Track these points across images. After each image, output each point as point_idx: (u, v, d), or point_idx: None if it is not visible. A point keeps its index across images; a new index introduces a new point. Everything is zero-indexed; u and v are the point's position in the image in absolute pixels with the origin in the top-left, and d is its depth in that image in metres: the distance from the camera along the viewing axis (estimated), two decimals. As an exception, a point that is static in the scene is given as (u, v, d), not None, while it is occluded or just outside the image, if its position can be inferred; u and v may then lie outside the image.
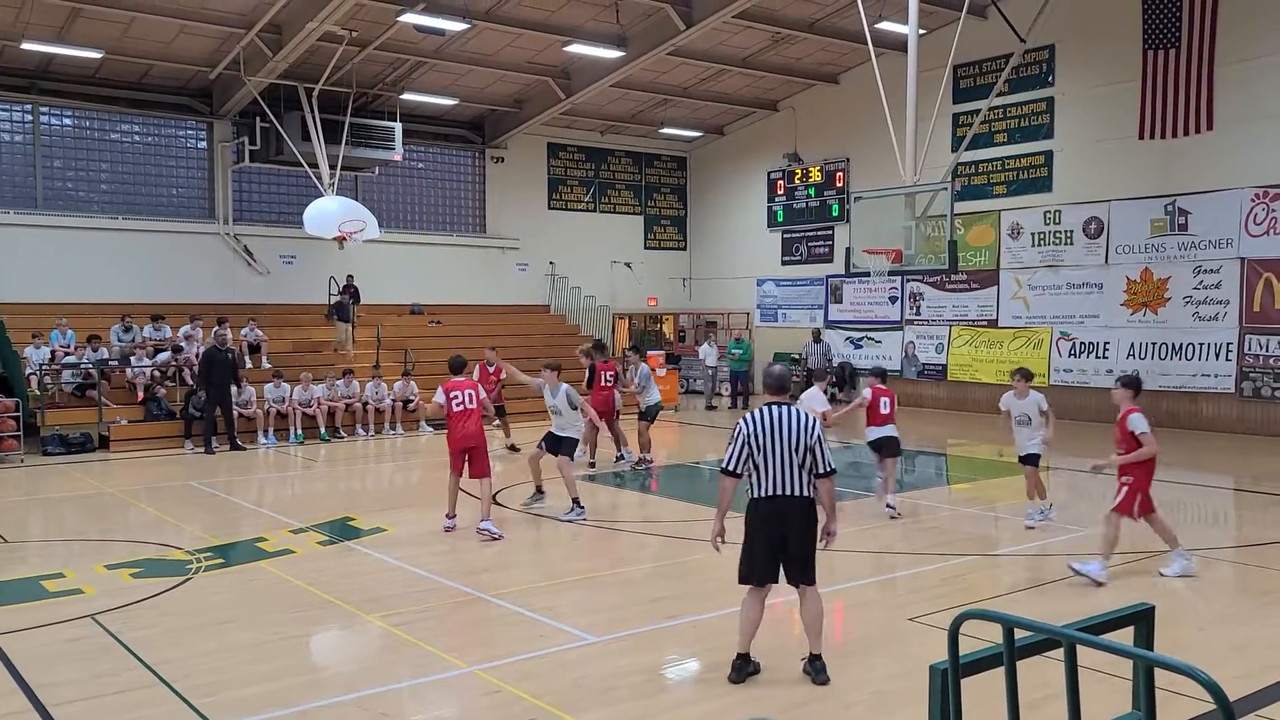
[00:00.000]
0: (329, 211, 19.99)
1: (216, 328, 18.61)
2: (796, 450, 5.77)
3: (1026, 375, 10.20)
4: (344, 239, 19.96)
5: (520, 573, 8.69)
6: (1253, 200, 17.42)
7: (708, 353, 24.27)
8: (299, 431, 17.67)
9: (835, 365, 23.90)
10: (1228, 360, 17.79)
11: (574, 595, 7.86)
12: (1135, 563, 8.93)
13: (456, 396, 9.99)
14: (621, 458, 14.65)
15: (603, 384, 14.63)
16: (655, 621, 7.13)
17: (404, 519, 11.05)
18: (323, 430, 17.90)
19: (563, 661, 6.30)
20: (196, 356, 18.43)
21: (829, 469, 5.89)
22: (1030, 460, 10.17)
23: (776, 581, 5.93)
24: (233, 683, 5.94)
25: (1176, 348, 18.49)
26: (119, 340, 18.46)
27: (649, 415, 14.81)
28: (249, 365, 18.84)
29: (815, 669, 5.84)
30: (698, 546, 9.54)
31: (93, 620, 7.15)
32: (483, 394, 10.38)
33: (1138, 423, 8.13)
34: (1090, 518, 10.85)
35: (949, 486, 13.46)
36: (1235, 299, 17.74)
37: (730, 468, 5.86)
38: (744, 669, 5.89)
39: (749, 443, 5.80)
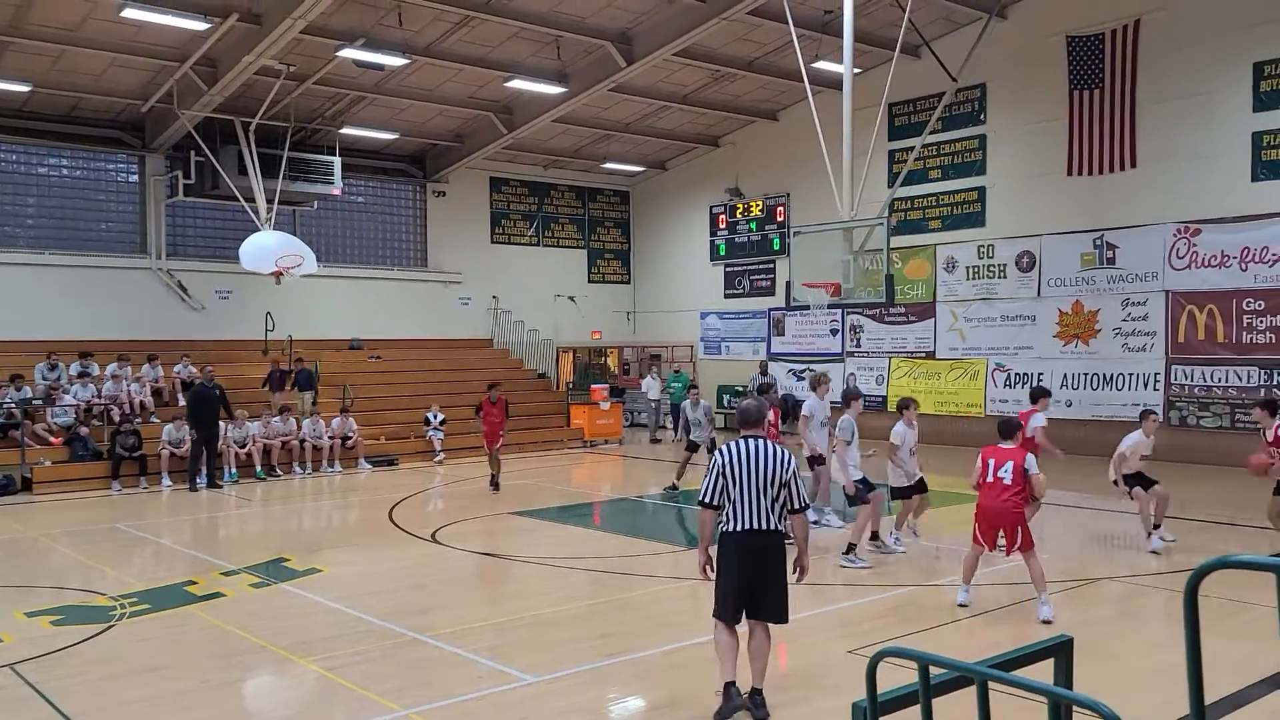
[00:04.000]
0: (266, 246, 19.70)
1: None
2: (771, 484, 5.76)
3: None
4: (281, 274, 19.67)
5: (458, 613, 8.54)
6: (1175, 235, 18.00)
7: (650, 385, 24.31)
8: (233, 470, 17.27)
9: (780, 397, 23.97)
10: (1156, 390, 18.26)
11: (513, 634, 7.74)
12: (1067, 591, 9.05)
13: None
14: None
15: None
16: (596, 660, 7.04)
17: (341, 559, 10.82)
18: (259, 469, 17.52)
19: (502, 703, 6.19)
20: (128, 396, 18.03)
21: (803, 504, 5.90)
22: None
23: (740, 621, 5.90)
24: (157, 734, 5.72)
25: (1107, 378, 18.95)
26: (44, 379, 17.91)
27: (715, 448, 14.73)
28: (181, 403, 18.38)
29: (755, 704, 5.80)
30: (639, 582, 9.48)
31: (11, 670, 6.86)
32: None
33: None
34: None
35: (889, 516, 13.53)
36: (1161, 330, 18.26)
37: (707, 500, 5.84)
38: (735, 698, 5.74)
39: (724, 474, 5.78)
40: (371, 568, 10.45)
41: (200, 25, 16.27)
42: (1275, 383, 16.83)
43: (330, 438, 18.61)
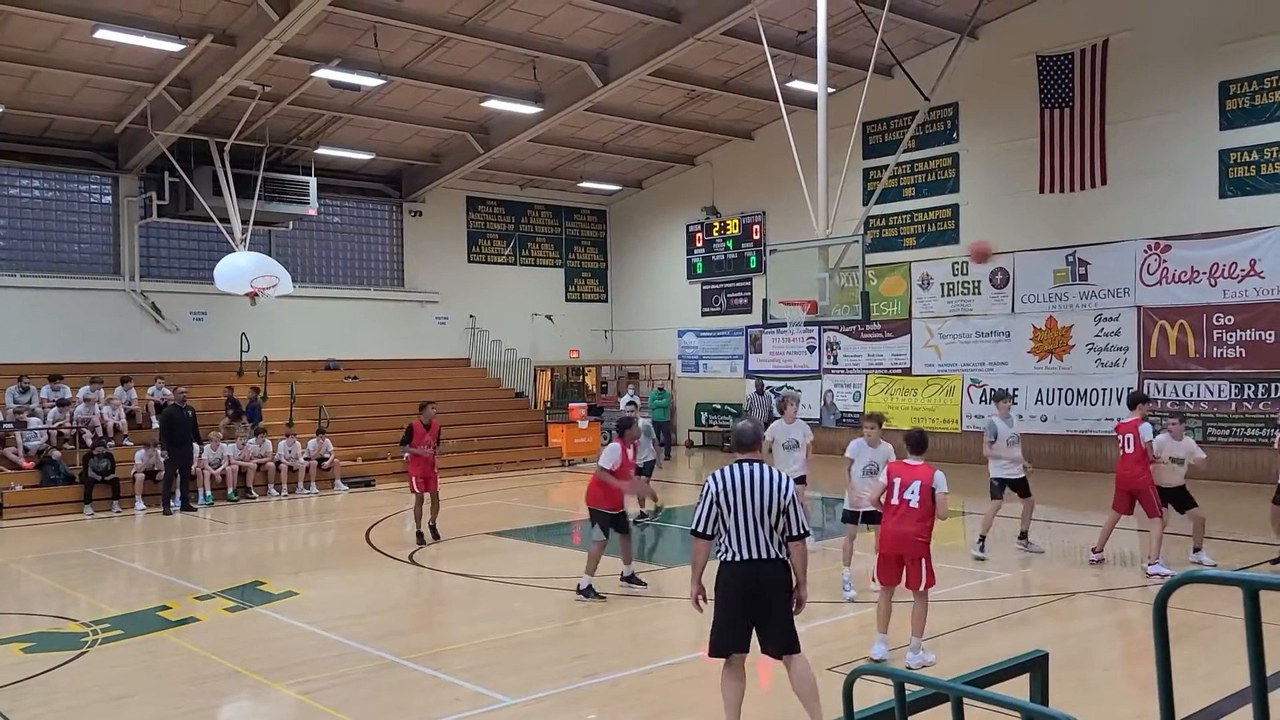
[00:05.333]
0: (241, 267, 19.58)
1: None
2: (769, 511, 5.45)
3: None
4: (256, 295, 19.56)
5: (436, 634, 8.49)
6: (1145, 251, 18.23)
7: (628, 404, 24.25)
8: (208, 493, 17.11)
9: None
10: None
11: (491, 655, 7.69)
12: (1044, 605, 9.11)
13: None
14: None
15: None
16: (575, 680, 7.01)
17: (317, 581, 10.74)
18: (230, 490, 17.36)
19: (479, 726, 6.14)
20: (101, 419, 17.84)
21: (803, 531, 5.55)
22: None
23: (748, 650, 5.56)
24: (129, 762, 5.65)
25: (1081, 393, 19.11)
26: (14, 402, 17.69)
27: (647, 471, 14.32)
28: (155, 425, 18.20)
29: None
30: (617, 602, 9.45)
31: (-22, 700, 6.76)
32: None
33: None
34: (1011, 562, 11.07)
35: (866, 533, 13.58)
36: (1134, 346, 18.46)
37: (700, 529, 5.53)
38: None
39: (718, 502, 5.49)
40: (349, 590, 10.37)
41: (174, 46, 16.22)
42: (1246, 396, 17.04)
43: (306, 459, 18.47)
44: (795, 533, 5.53)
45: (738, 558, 5.46)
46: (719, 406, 26.01)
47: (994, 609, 8.90)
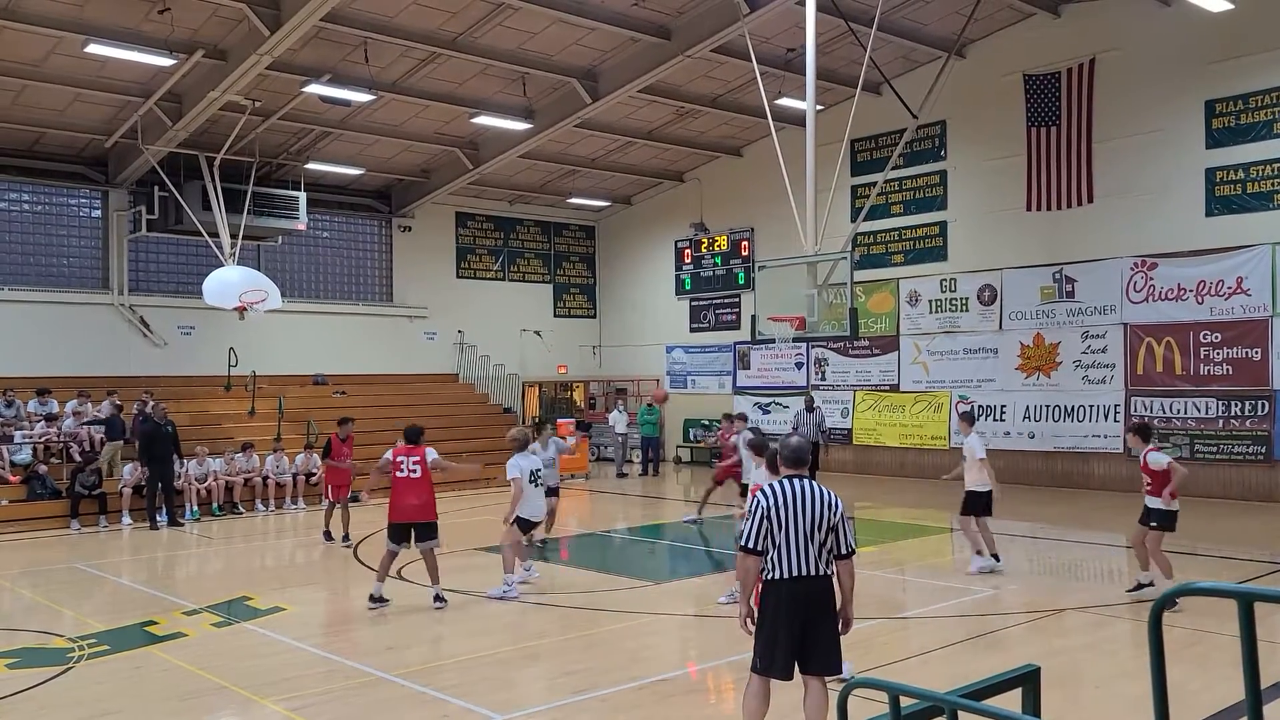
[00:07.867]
0: (230, 281, 19.55)
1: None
2: (819, 528, 5.40)
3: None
4: (245, 309, 19.52)
5: (425, 650, 8.45)
6: (1132, 269, 18.36)
7: (617, 420, 24.29)
8: (194, 508, 17.02)
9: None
10: (1116, 421, 18.52)
11: (480, 672, 7.66)
12: (1034, 621, 9.13)
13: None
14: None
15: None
16: (564, 697, 6.98)
17: (305, 597, 10.68)
18: (215, 505, 17.25)
19: (469, 742, 6.11)
20: (89, 433, 17.73)
21: (850, 550, 5.51)
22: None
23: (792, 678, 5.45)
24: (115, 779, 5.59)
25: (1068, 410, 19.19)
26: (0, 416, 17.57)
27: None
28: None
29: None
30: (606, 618, 9.43)
31: (-38, 717, 6.70)
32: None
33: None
34: (992, 578, 11.09)
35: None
36: (1120, 363, 18.57)
37: (750, 545, 5.42)
38: None
39: (768, 517, 5.41)
40: (336, 605, 10.33)
41: (165, 61, 16.22)
42: (1232, 414, 17.15)
43: (294, 474, 18.39)
44: (843, 551, 5.49)
45: (786, 575, 5.39)
46: (707, 423, 26.02)
47: (981, 625, 8.91)
